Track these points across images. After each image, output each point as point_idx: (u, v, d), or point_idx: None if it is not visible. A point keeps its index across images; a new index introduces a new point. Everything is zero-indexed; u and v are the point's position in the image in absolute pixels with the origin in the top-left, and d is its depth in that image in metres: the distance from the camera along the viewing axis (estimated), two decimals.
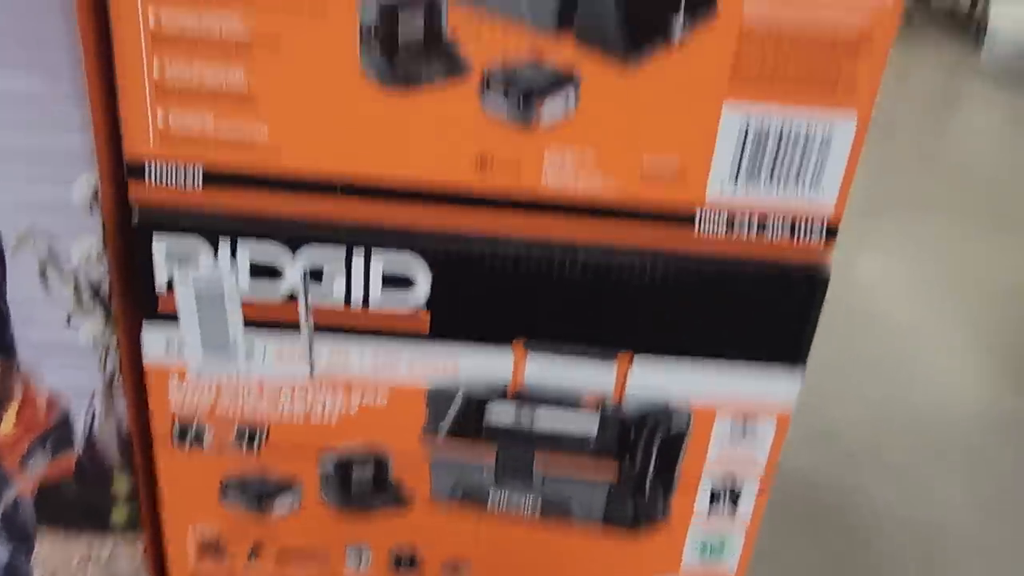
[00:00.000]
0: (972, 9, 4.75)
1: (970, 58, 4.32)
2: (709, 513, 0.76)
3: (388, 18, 0.59)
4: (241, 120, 0.62)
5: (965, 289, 2.08)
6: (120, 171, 0.64)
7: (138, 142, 0.63)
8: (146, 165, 0.63)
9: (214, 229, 0.64)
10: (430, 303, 0.66)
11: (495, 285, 0.65)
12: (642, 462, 0.72)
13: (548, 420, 0.71)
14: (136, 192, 0.64)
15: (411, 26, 0.60)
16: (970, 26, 4.59)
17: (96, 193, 0.62)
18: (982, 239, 2.34)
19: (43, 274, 0.65)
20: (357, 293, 0.66)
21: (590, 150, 0.61)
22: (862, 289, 1.99)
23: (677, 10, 0.57)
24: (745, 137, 0.61)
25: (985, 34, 4.20)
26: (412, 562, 0.79)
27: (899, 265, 2.16)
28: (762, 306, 0.67)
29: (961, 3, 4.82)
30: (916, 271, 2.15)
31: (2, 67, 0.58)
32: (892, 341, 1.85)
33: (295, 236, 0.64)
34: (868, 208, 2.27)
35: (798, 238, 0.64)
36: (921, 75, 3.91)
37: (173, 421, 0.72)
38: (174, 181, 0.64)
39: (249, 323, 0.68)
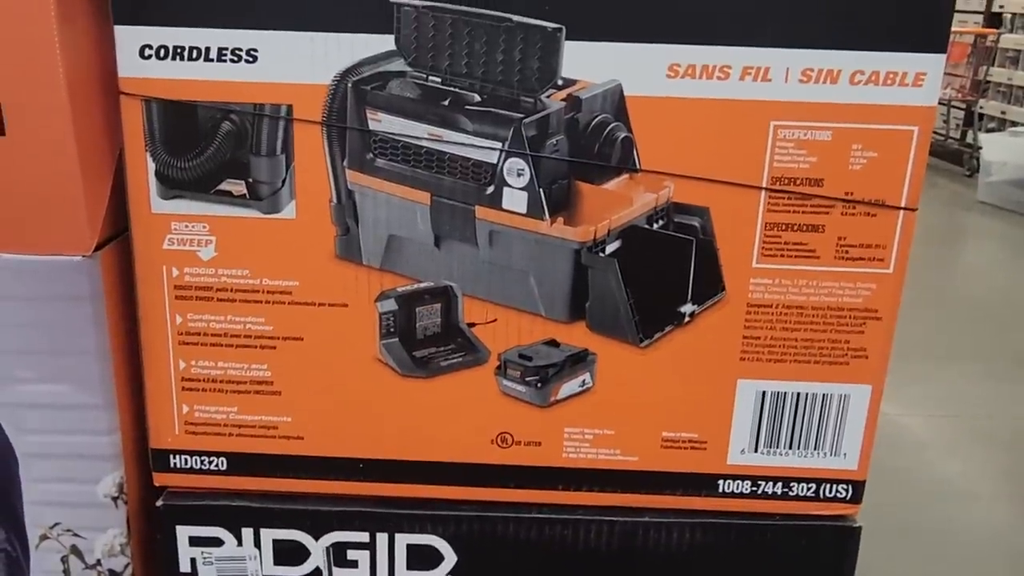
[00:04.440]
0: (962, 143, 4.90)
1: (967, 191, 4.42)
2: None
3: (406, 311, 0.61)
4: (265, 410, 0.63)
5: (1000, 439, 2.04)
6: (145, 459, 0.65)
7: (163, 434, 0.64)
8: (171, 456, 0.64)
9: (237, 517, 0.64)
10: None
11: (521, 560, 0.65)
12: None
13: None
14: (161, 480, 0.65)
15: (428, 318, 0.62)
16: (963, 160, 4.72)
17: (122, 488, 0.63)
18: (1008, 382, 2.32)
19: (65, 569, 0.65)
20: (382, 571, 0.65)
21: (609, 427, 0.62)
22: (894, 447, 1.95)
23: (685, 300, 0.59)
24: (762, 408, 0.61)
25: (979, 167, 4.31)
26: None
27: (929, 419, 2.13)
28: (794, 565, 0.65)
29: (951, 138, 4.97)
30: (947, 424, 2.12)
31: (38, 381, 0.60)
32: (929, 502, 1.80)
33: (318, 523, 0.64)
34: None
35: (823, 497, 0.64)
36: (921, 211, 3.97)
37: None
38: (198, 469, 0.64)
39: None
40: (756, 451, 0.62)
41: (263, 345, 0.62)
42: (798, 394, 0.61)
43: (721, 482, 0.63)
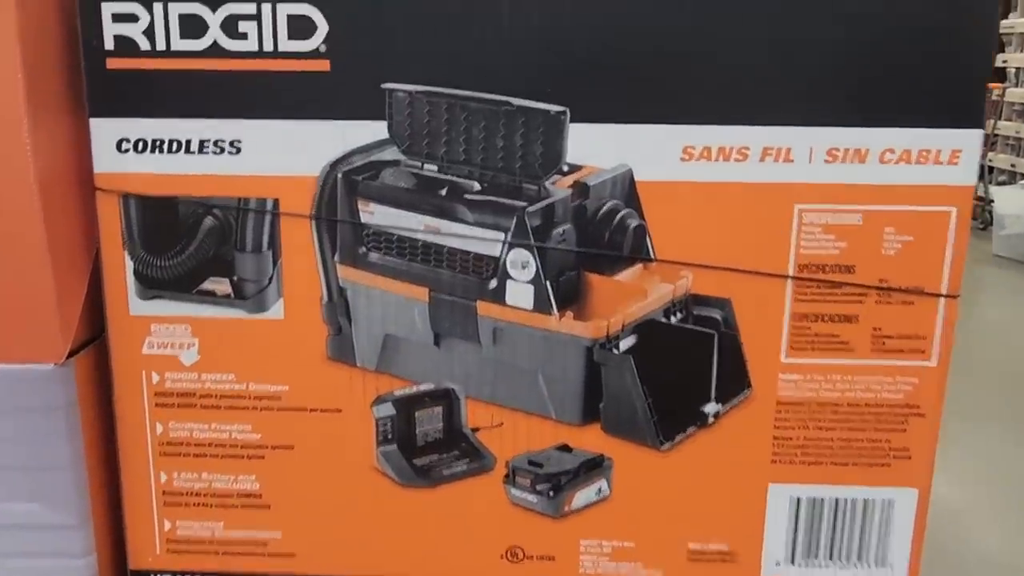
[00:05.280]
0: (974, 196, 4.87)
1: (982, 244, 4.36)
2: None
3: (405, 416, 0.57)
4: (253, 525, 0.58)
5: None
6: None
7: (144, 553, 0.59)
8: None
9: None
10: None
11: None
12: None
13: None
14: None
15: (429, 422, 0.57)
16: (976, 213, 4.68)
17: None
18: None
19: None
20: None
21: (629, 538, 0.57)
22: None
23: (708, 399, 0.54)
24: (797, 515, 0.56)
25: (992, 221, 4.27)
26: None
27: (963, 487, 2.04)
28: None
29: None
30: (984, 492, 2.03)
31: (7, 500, 0.55)
32: None
33: None
34: None
35: None
36: None
37: None
38: None
39: None
40: (793, 563, 0.57)
41: (250, 455, 0.57)
42: (836, 499, 0.55)
43: None
